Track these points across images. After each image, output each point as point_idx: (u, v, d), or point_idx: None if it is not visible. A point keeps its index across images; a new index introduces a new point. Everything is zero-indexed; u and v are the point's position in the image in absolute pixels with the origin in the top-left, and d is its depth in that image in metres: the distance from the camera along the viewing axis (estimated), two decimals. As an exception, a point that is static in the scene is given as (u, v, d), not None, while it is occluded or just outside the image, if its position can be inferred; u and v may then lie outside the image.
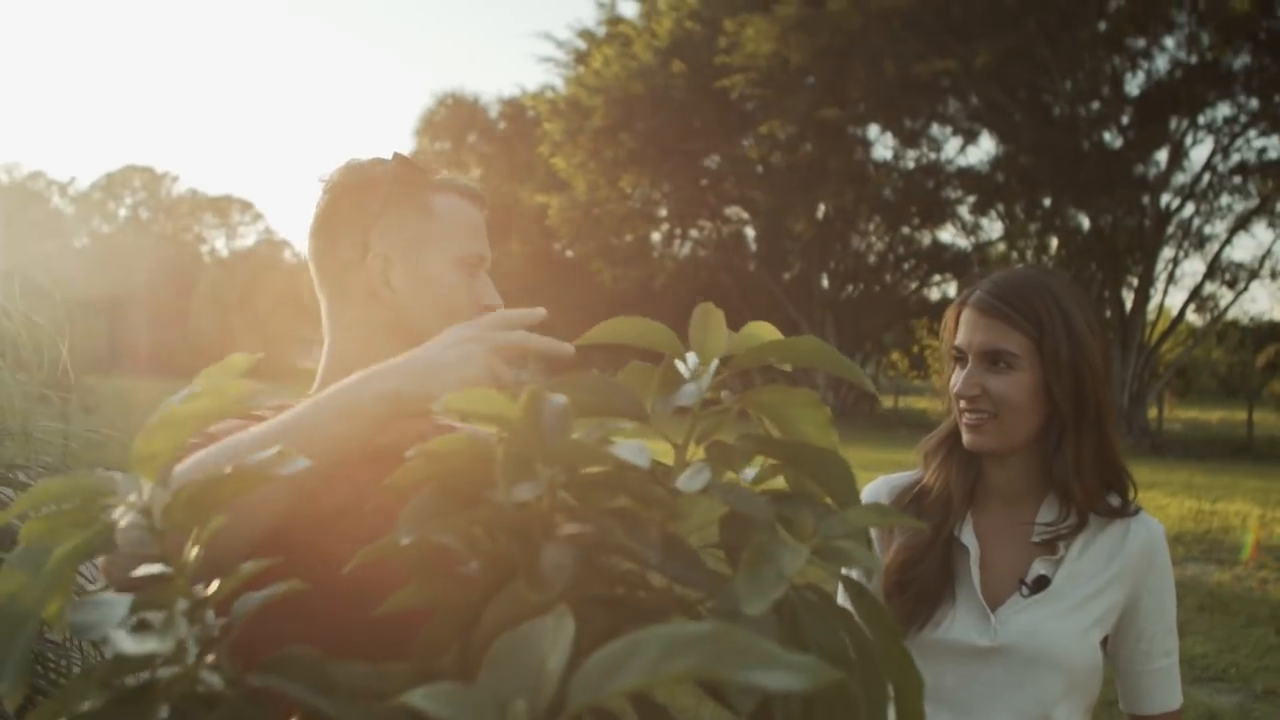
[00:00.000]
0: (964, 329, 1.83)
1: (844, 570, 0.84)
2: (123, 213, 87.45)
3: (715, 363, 0.93)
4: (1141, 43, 26.62)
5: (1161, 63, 27.69)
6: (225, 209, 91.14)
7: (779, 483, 0.99)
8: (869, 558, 0.80)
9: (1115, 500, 1.84)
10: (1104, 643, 1.85)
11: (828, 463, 0.92)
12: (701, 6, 31.74)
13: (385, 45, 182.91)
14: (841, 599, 1.71)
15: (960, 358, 1.83)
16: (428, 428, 1.61)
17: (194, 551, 0.77)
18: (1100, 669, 1.84)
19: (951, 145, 36.07)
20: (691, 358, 0.98)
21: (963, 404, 1.81)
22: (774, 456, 0.95)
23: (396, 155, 1.64)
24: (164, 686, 0.73)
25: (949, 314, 1.88)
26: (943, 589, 1.81)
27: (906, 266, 36.92)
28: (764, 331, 0.98)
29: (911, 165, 33.12)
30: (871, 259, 36.10)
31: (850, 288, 36.23)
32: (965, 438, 1.83)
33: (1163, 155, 27.22)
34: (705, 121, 32.35)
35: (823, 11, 26.77)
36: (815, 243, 33.88)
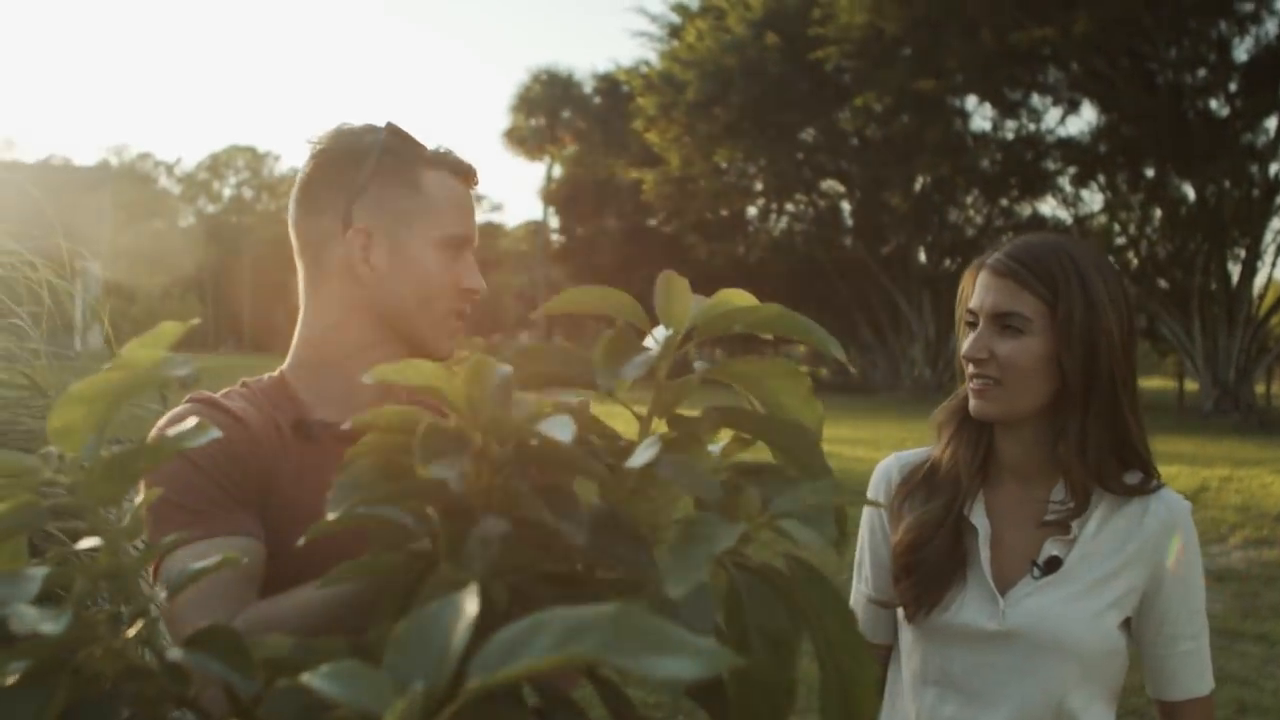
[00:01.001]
0: (978, 291, 1.77)
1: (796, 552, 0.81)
2: (227, 192, 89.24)
3: (669, 331, 0.89)
4: (1249, 6, 25.72)
5: (1271, 27, 26.71)
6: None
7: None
8: (813, 537, 0.76)
9: (1134, 478, 1.75)
10: (1128, 627, 1.77)
11: (793, 434, 0.89)
12: (795, -22, 31.42)
13: (480, 22, 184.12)
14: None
15: (972, 321, 1.76)
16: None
17: (123, 521, 0.76)
18: (1121, 654, 1.76)
19: (1052, 115, 35.26)
20: (662, 330, 0.95)
21: (970, 368, 1.74)
22: (739, 429, 0.91)
23: (389, 125, 1.58)
24: (88, 661, 0.73)
25: (966, 276, 1.82)
26: (952, 571, 1.74)
27: (1006, 239, 36.23)
28: (735, 298, 0.94)
29: (1010, 136, 32.49)
30: (970, 232, 35.49)
31: (948, 261, 35.68)
32: (970, 403, 1.75)
33: (1272, 123, 26.36)
34: (800, 94, 32.04)
35: (918, -20, 26.35)
36: (912, 216, 33.45)
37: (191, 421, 0.77)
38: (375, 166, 1.53)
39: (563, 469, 0.80)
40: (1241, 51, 26.88)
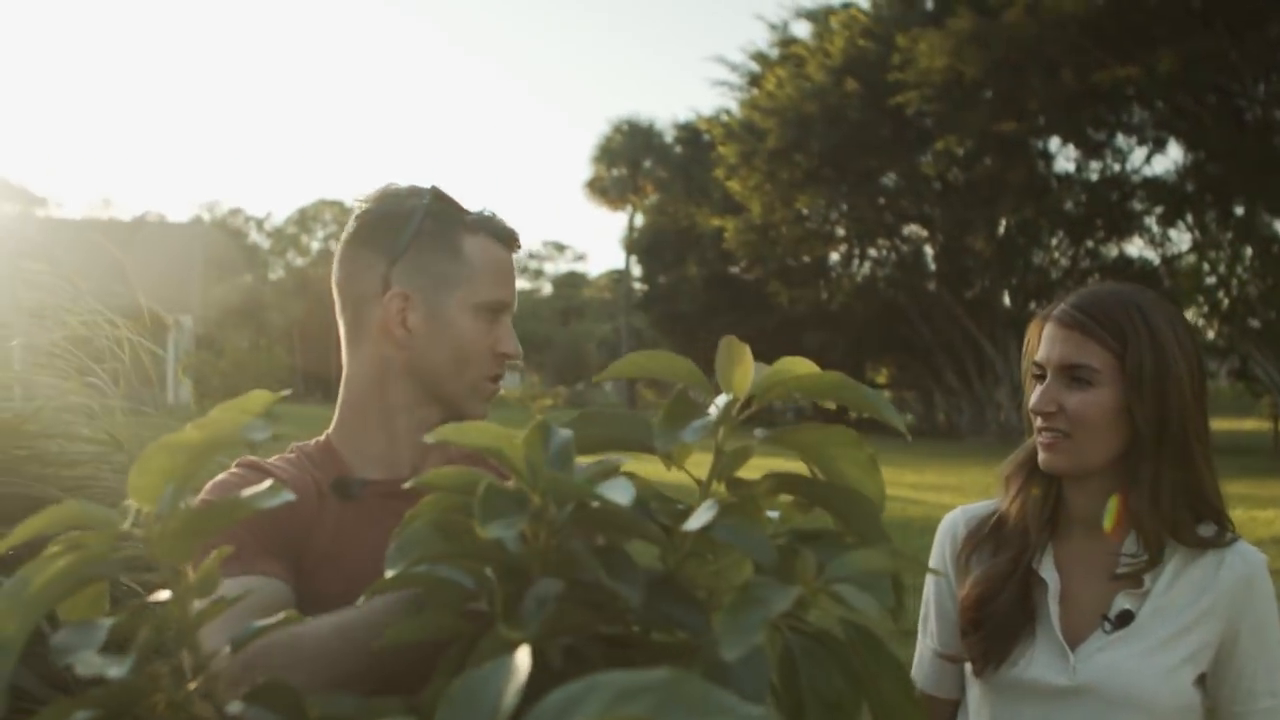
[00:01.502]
0: (1044, 344, 1.73)
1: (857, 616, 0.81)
2: (315, 245, 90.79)
3: (728, 398, 0.90)
4: (1341, 38, 25.25)
5: (1362, 59, 26.14)
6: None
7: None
8: (869, 603, 0.76)
9: (1208, 530, 1.72)
10: (1202, 682, 1.72)
11: (850, 501, 0.89)
12: (874, 24, 31.45)
13: (562, 75, 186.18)
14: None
15: (1040, 374, 1.73)
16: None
17: (190, 579, 0.78)
18: (1196, 711, 1.71)
19: (1137, 155, 34.78)
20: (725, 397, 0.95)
21: (1039, 421, 1.71)
22: (797, 494, 0.92)
23: (433, 189, 1.60)
24: (152, 712, 0.75)
25: (1031, 329, 1.78)
26: (1020, 625, 1.71)
27: (1092, 281, 35.71)
28: (796, 366, 0.94)
29: (1095, 177, 32.11)
30: (1055, 274, 35.02)
31: (1034, 305, 35.17)
32: (1040, 457, 1.72)
33: (1366, 157, 25.75)
34: (880, 139, 31.96)
35: (997, 23, 26.20)
36: (996, 259, 33.13)
37: (259, 484, 0.79)
38: (417, 230, 1.55)
39: (620, 531, 0.81)
40: (1333, 84, 26.37)
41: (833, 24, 32.96)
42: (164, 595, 0.80)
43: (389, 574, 0.77)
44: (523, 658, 0.63)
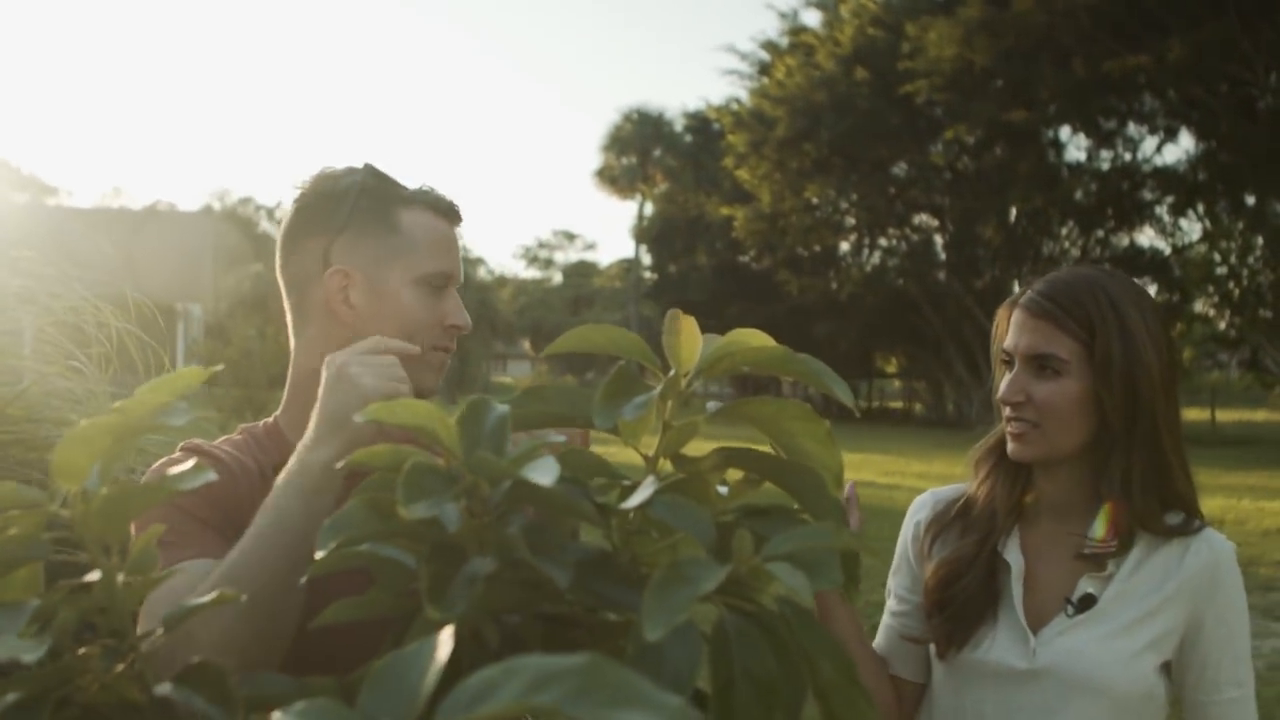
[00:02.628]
0: (1013, 331, 1.70)
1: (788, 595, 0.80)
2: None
3: (684, 372, 0.89)
4: (1353, 28, 25.12)
5: (1377, 48, 26.01)
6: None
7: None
8: (801, 582, 0.74)
9: (1175, 518, 1.69)
10: (1168, 670, 1.70)
11: (800, 475, 0.88)
12: (884, 12, 31.35)
13: (572, 64, 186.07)
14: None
15: (1008, 361, 1.71)
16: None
17: (115, 560, 0.77)
18: (1158, 699, 1.69)
19: (1148, 144, 34.66)
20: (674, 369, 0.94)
21: (1007, 410, 1.69)
22: (744, 468, 0.90)
23: (366, 166, 1.59)
24: (80, 692, 0.74)
25: (1000, 315, 1.76)
26: (984, 608, 1.69)
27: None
28: (751, 338, 0.93)
29: (1105, 166, 31.99)
30: (1066, 264, 34.96)
31: (1044, 294, 35.14)
32: (1009, 447, 1.70)
33: (1378, 146, 25.63)
34: (890, 128, 31.90)
35: (1007, 12, 26.12)
36: (1006, 249, 33.05)
37: (186, 465, 0.78)
38: (353, 207, 1.54)
39: (552, 509, 0.79)
40: (1346, 74, 26.24)
41: (842, 12, 32.90)
42: (94, 576, 0.80)
43: (319, 554, 0.76)
44: (445, 638, 0.62)
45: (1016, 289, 1.77)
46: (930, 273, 35.79)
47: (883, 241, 38.07)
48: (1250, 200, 27.41)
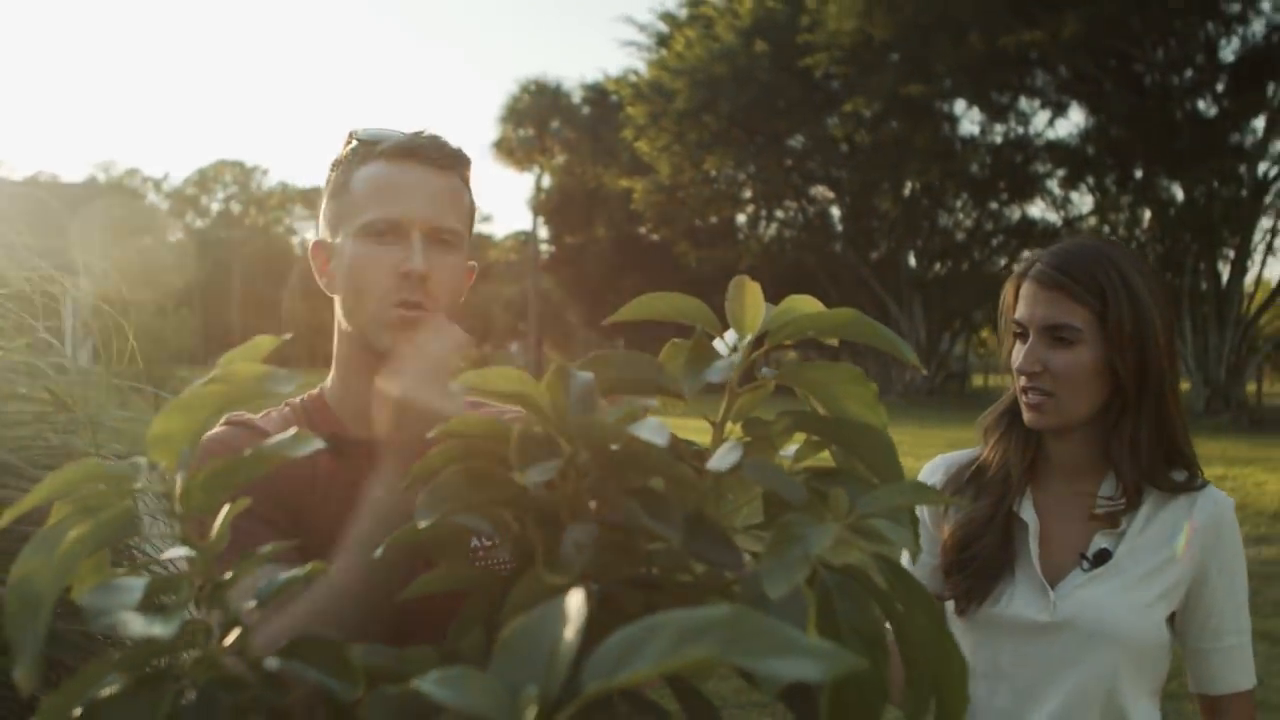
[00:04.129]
0: (1024, 303, 1.77)
1: (884, 550, 0.82)
2: (215, 207, 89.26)
3: (750, 338, 0.90)
4: (1236, 7, 25.87)
5: (1258, 27, 26.81)
6: (315, 201, 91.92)
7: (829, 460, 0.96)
8: (905, 537, 0.77)
9: (1180, 475, 1.78)
10: (1172, 621, 1.79)
11: (868, 438, 0.89)
12: (783, -15, 31.53)
13: (468, 33, 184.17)
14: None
15: (1021, 333, 1.77)
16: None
17: (215, 533, 0.77)
18: (1167, 648, 1.78)
19: (1040, 119, 35.40)
20: (732, 335, 0.95)
21: (1023, 380, 1.75)
22: (813, 433, 0.92)
23: (352, 133, 1.55)
24: (184, 670, 0.73)
25: (1008, 287, 1.82)
26: (1001, 565, 1.77)
27: (995, 243, 36.32)
28: (803, 304, 0.95)
29: (999, 140, 32.59)
30: (959, 236, 35.60)
31: (938, 266, 35.80)
32: (1026, 416, 1.77)
33: (1260, 122, 26.47)
34: (789, 101, 32.12)
35: (906, -14, 26.46)
36: (902, 221, 33.55)
37: (289, 432, 0.77)
38: (331, 181, 1.54)
39: (650, 473, 0.80)
40: (1229, 52, 27.08)
41: (742, -15, 33.01)
42: (180, 552, 0.78)
43: (421, 525, 0.76)
44: (577, 600, 0.62)
45: (912, 261, 1.84)
46: (827, 244, 36.20)
47: (780, 213, 38.42)
48: (1138, 174, 28.14)
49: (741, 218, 39.14)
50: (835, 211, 37.26)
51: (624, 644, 0.58)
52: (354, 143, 1.53)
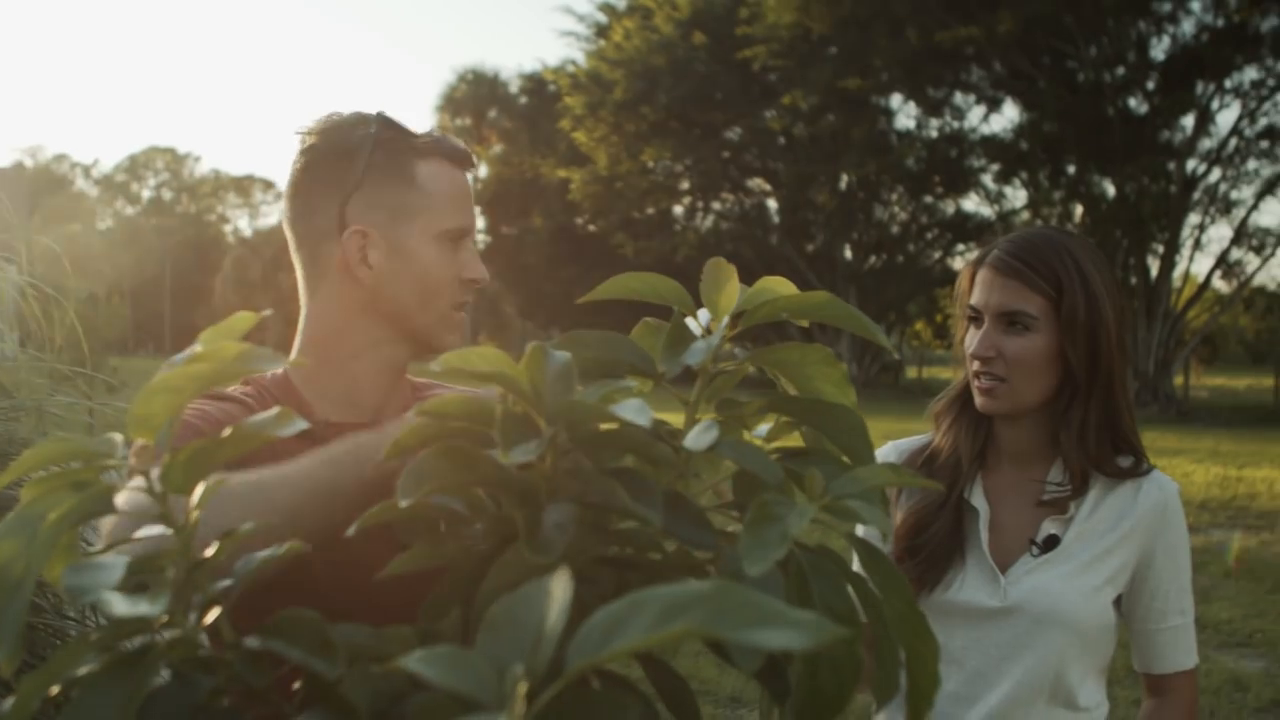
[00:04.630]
0: (980, 289, 1.80)
1: (857, 531, 0.83)
2: (146, 194, 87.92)
3: (726, 319, 0.91)
4: (1167, 6, 26.30)
5: (1188, 26, 27.29)
6: (248, 189, 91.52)
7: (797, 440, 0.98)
8: (880, 517, 0.78)
9: (1126, 461, 1.82)
10: (1118, 604, 1.83)
11: (841, 418, 0.91)
12: (722, -23, 31.60)
13: (404, 21, 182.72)
14: (856, 565, 1.71)
15: (975, 318, 1.80)
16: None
17: (194, 513, 0.76)
18: (1113, 630, 1.82)
19: (975, 114, 35.81)
20: (704, 315, 0.96)
21: (976, 365, 1.78)
22: (786, 414, 0.93)
23: (380, 116, 1.52)
24: (163, 650, 0.73)
25: (964, 273, 1.85)
26: (953, 551, 1.80)
27: (930, 236, 36.68)
28: (778, 286, 0.96)
29: (935, 134, 32.89)
30: (895, 229, 35.90)
31: (873, 258, 36.08)
32: (978, 400, 1.80)
33: (1189, 121, 26.97)
34: (727, 93, 32.19)
35: (844, -20, 26.63)
36: (838, 214, 33.73)
37: (272, 411, 0.77)
38: (368, 162, 1.48)
39: (629, 452, 0.81)
40: (1159, 51, 27.53)
41: (681, -24, 33.03)
42: (155, 530, 0.78)
43: (402, 504, 0.76)
44: (563, 579, 0.62)
45: (847, 253, 1.87)
46: (764, 236, 36.31)
47: (717, 205, 38.48)
48: (1071, 170, 28.52)
49: (679, 209, 39.15)
50: (772, 203, 37.40)
51: (609, 620, 0.58)
52: (394, 129, 1.51)
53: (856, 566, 0.84)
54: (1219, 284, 31.26)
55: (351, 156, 1.48)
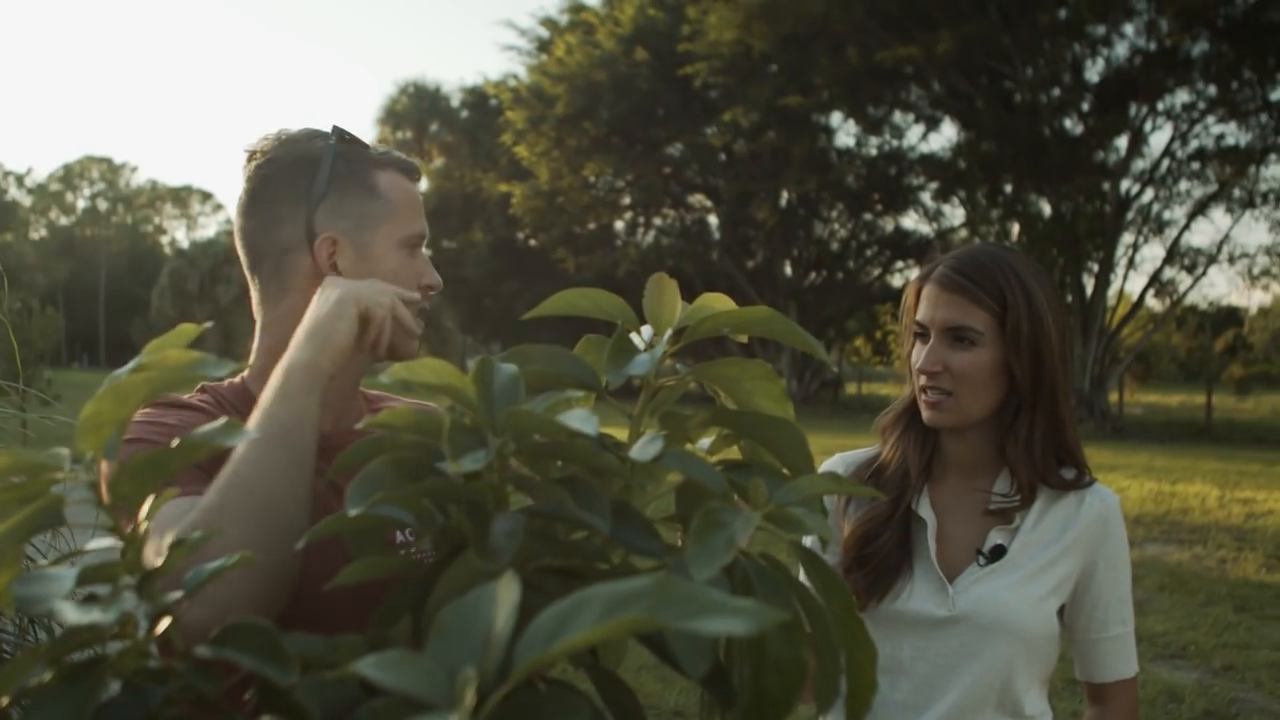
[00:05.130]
0: (926, 305, 1.82)
1: (801, 540, 0.85)
2: (81, 204, 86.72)
3: (669, 333, 0.93)
4: (1101, 30, 26.79)
5: (1121, 50, 27.98)
6: (185, 200, 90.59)
7: (734, 455, 1.00)
8: (822, 525, 0.80)
9: (1069, 473, 1.84)
10: (1061, 614, 1.86)
11: (782, 432, 0.93)
12: (665, -6, 31.78)
13: (345, 34, 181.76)
14: (801, 576, 1.73)
15: (922, 333, 1.83)
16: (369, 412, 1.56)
17: (144, 525, 0.77)
18: (1056, 639, 1.85)
19: (914, 133, 36.28)
20: (646, 331, 0.98)
21: (923, 379, 1.81)
22: (728, 427, 0.95)
23: (336, 129, 1.54)
24: (114, 661, 0.73)
25: (910, 289, 1.88)
26: (901, 562, 1.82)
27: (869, 253, 37.08)
28: (718, 302, 0.98)
29: (874, 152, 33.33)
30: (834, 246, 36.26)
31: (813, 275, 36.41)
32: (925, 414, 1.83)
33: (1123, 142, 27.49)
34: (669, 109, 32.40)
35: (786, -1, 26.87)
36: (778, 230, 34.00)
37: (220, 421, 0.77)
38: (332, 172, 1.50)
39: (575, 462, 0.82)
40: (1094, 73, 28.03)
41: (623, -8, 33.18)
42: (106, 543, 0.78)
43: (351, 513, 0.77)
44: (509, 583, 0.64)
45: (788, 270, 1.90)
46: (705, 252, 36.52)
47: (658, 221, 38.67)
48: (1008, 189, 28.93)
49: (620, 224, 39.29)
50: (713, 220, 37.64)
51: (555, 618, 0.59)
52: (349, 140, 1.54)
53: (801, 577, 0.85)
54: (1152, 302, 31.77)
55: (315, 166, 1.50)
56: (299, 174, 1.50)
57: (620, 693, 0.87)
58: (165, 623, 0.75)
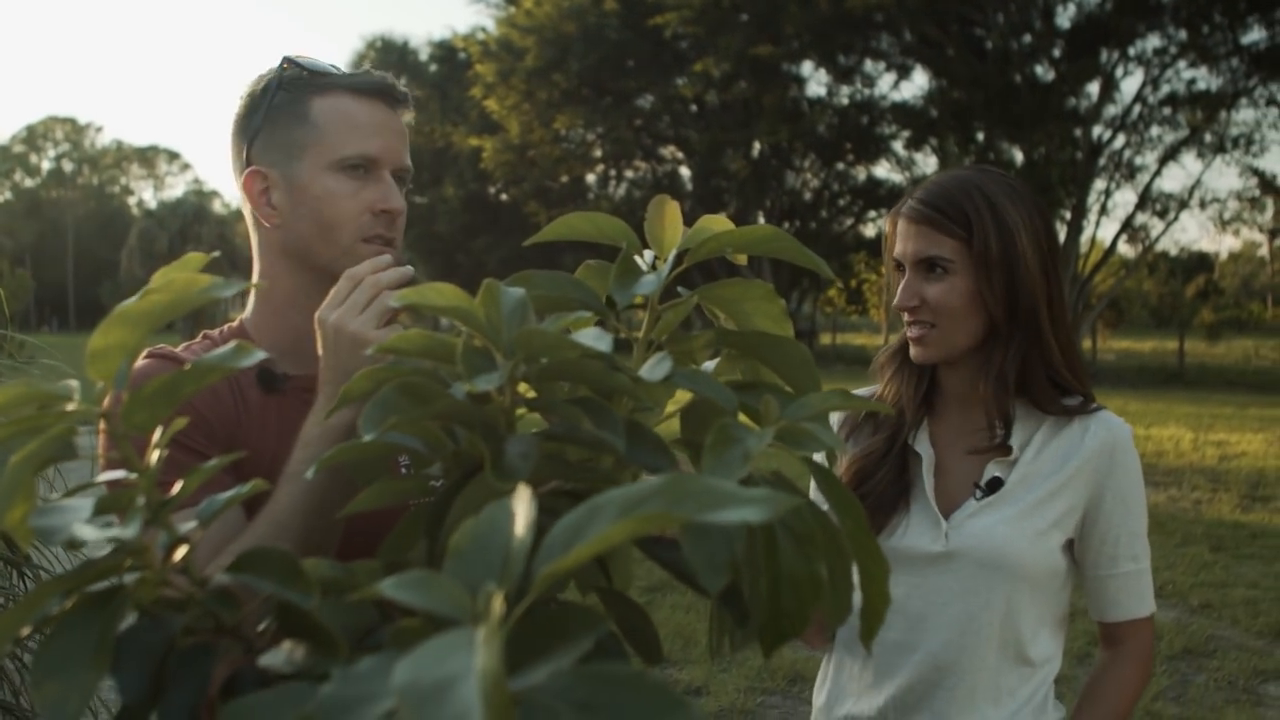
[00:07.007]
0: (899, 239, 1.78)
1: (811, 456, 0.85)
2: (46, 165, 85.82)
3: (672, 254, 0.92)
4: (1071, -27, 26.79)
5: (1092, -7, 27.82)
6: (152, 160, 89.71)
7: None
8: (834, 439, 0.80)
9: (1072, 400, 1.78)
10: (1071, 549, 1.80)
11: (787, 350, 0.92)
12: (634, -57, 31.52)
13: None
14: (813, 493, 1.71)
15: (900, 268, 1.79)
16: None
17: (156, 452, 0.76)
18: (1064, 577, 1.79)
19: (885, 81, 36.21)
20: (648, 255, 0.98)
21: (905, 316, 1.78)
22: (734, 347, 0.95)
23: (284, 60, 1.51)
24: (131, 589, 0.73)
25: (887, 224, 1.84)
26: (897, 498, 1.78)
27: (842, 203, 37.10)
28: (718, 224, 0.98)
29: (846, 102, 33.22)
30: (807, 196, 36.24)
31: (786, 225, 36.34)
32: (911, 351, 1.79)
33: (1094, 88, 27.55)
34: (639, 61, 32.21)
35: (756, -53, 26.73)
36: (751, 181, 33.92)
37: (230, 345, 0.76)
38: (270, 104, 1.47)
39: (588, 382, 0.82)
40: (1065, 19, 28.05)
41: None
42: (116, 474, 0.78)
43: (366, 438, 0.76)
44: (525, 498, 0.63)
45: (761, 220, 1.85)
46: (678, 204, 36.43)
47: (630, 173, 38.55)
48: (979, 136, 28.94)
49: (591, 177, 39.15)
50: (685, 171, 37.54)
51: (571, 526, 0.59)
52: (297, 69, 1.50)
53: (813, 494, 0.86)
54: (1124, 249, 32.01)
55: (255, 102, 1.49)
56: (245, 111, 1.50)
57: (631, 612, 0.88)
58: (182, 550, 0.75)
